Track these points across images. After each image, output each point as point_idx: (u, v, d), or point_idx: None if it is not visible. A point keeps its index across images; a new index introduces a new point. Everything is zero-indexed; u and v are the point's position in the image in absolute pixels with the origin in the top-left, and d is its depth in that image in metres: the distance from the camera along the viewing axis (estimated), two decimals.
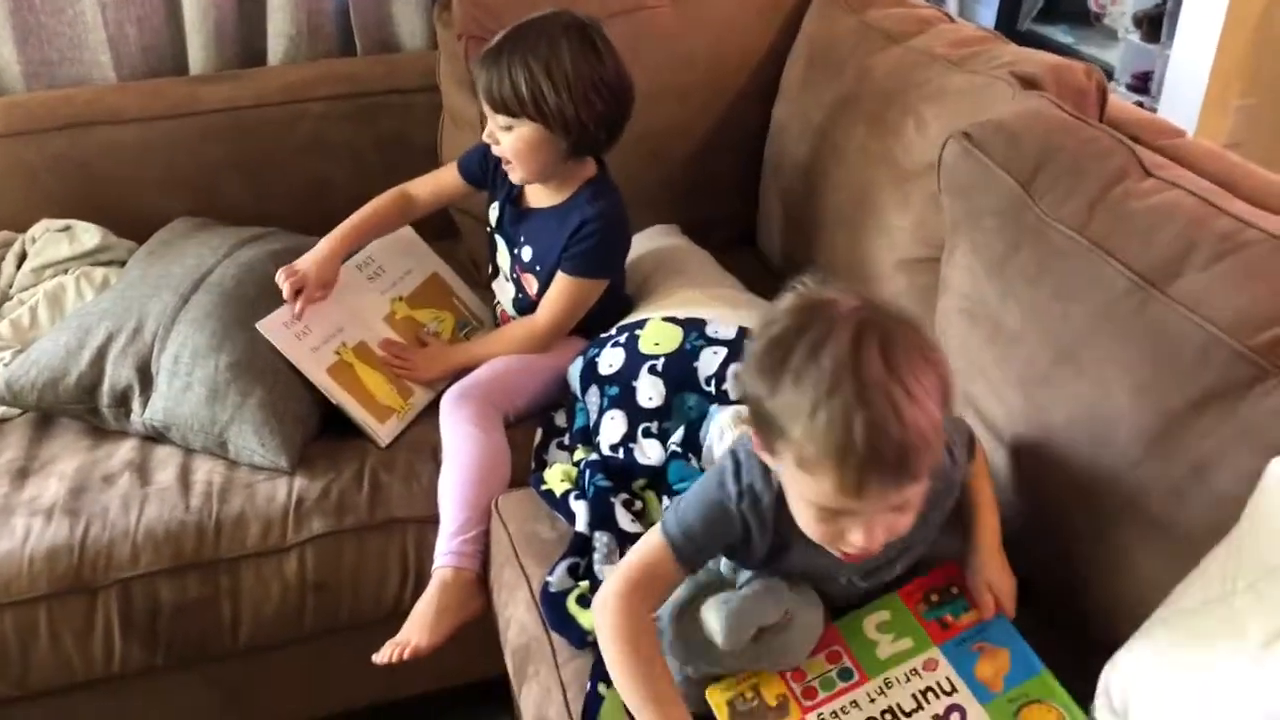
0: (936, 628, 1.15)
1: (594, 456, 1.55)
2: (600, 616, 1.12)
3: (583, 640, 1.31)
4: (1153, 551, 1.10)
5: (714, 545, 1.12)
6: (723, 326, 1.62)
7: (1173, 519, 1.08)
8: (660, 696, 1.06)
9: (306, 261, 1.69)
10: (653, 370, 1.57)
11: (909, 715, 1.09)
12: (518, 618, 1.40)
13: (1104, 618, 1.17)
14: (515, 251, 1.76)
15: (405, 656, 1.43)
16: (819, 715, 1.10)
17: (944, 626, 1.15)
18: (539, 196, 1.72)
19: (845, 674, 1.13)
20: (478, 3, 1.95)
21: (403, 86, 2.12)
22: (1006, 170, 1.35)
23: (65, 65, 2.07)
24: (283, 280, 1.66)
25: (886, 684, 1.12)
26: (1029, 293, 1.28)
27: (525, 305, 1.78)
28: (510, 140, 1.60)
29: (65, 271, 1.91)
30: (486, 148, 1.68)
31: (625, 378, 1.59)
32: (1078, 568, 1.20)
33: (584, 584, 1.37)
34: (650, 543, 1.12)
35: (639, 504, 1.47)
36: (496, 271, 1.85)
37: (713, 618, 1.11)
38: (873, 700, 1.11)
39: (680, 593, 1.16)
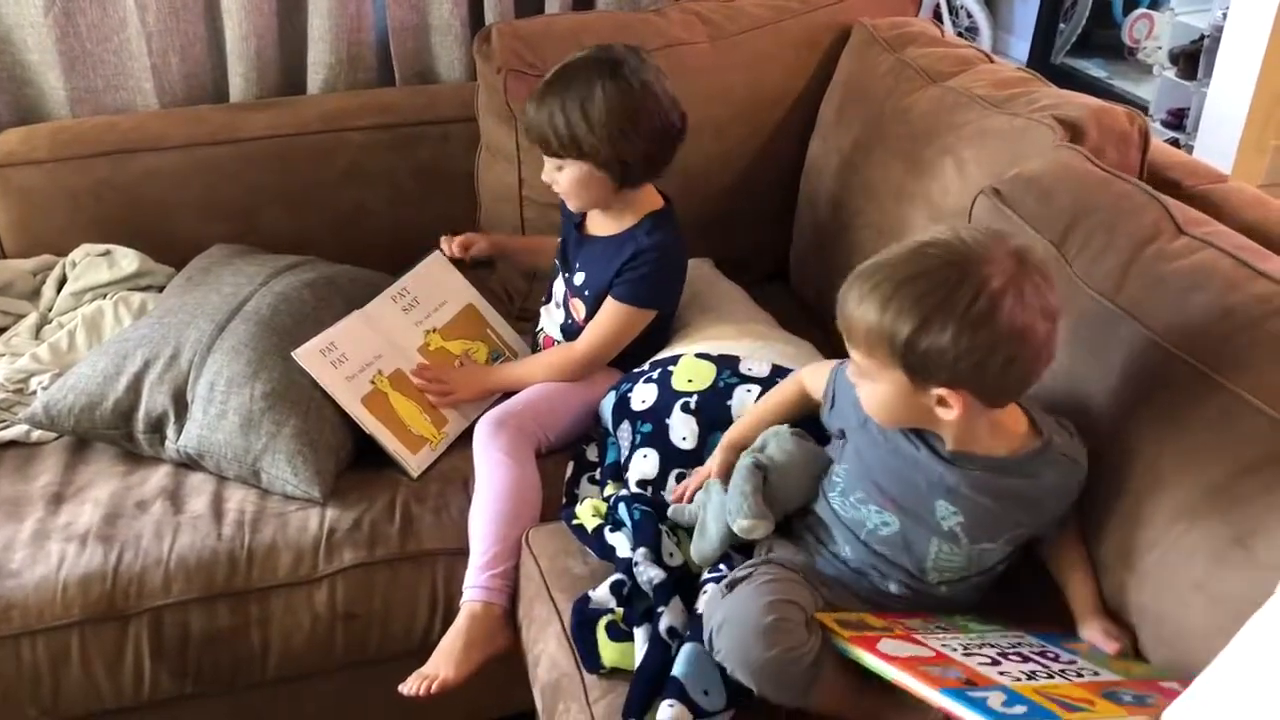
0: (1018, 625, 1.24)
1: (624, 492, 1.54)
2: None
3: (597, 666, 1.32)
4: (1198, 613, 1.09)
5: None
6: (756, 364, 1.62)
7: (1216, 584, 1.07)
8: None
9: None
10: (686, 408, 1.57)
11: (1007, 650, 1.14)
12: (549, 653, 1.39)
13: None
14: (569, 276, 1.78)
15: (433, 690, 1.43)
16: (924, 636, 1.14)
17: (1027, 623, 1.24)
18: (600, 225, 1.75)
19: (941, 629, 1.19)
20: (517, 35, 1.96)
21: (441, 117, 2.14)
22: (1037, 228, 1.35)
23: (110, 92, 2.10)
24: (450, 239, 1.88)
25: (983, 637, 1.18)
26: (1065, 356, 1.25)
27: (572, 330, 1.79)
28: (562, 178, 1.66)
29: (104, 296, 1.93)
30: None
31: (658, 415, 1.58)
32: (1132, 627, 1.19)
33: (619, 610, 1.36)
34: None
35: (676, 537, 1.46)
36: (549, 298, 1.87)
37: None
38: (971, 639, 1.16)
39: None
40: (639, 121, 1.59)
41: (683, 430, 1.56)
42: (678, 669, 1.25)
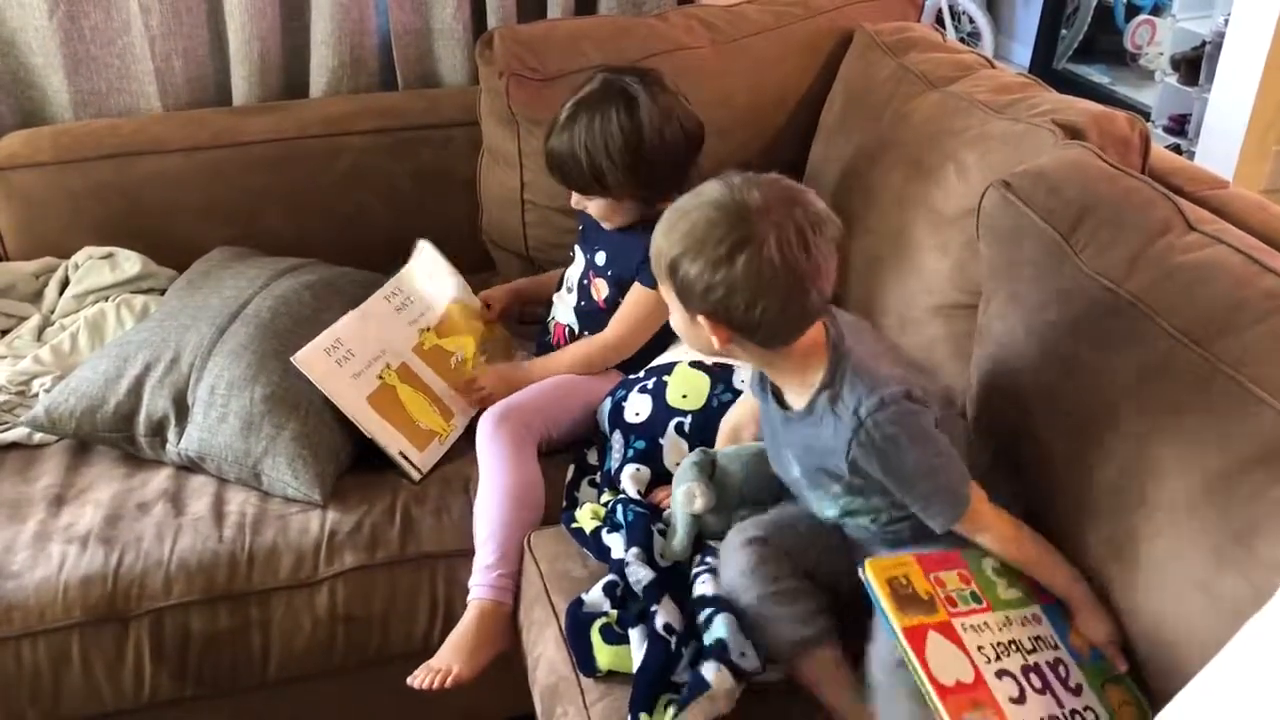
0: (1037, 589, 1.25)
1: (621, 495, 1.54)
2: None
3: (593, 669, 1.32)
4: (1196, 612, 1.09)
5: None
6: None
7: (1216, 582, 1.06)
8: None
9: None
10: (680, 430, 1.58)
11: (1029, 654, 1.18)
12: (547, 656, 1.40)
13: (1150, 672, 1.16)
14: (590, 256, 1.79)
15: (447, 684, 1.44)
16: (961, 624, 1.17)
17: (1042, 590, 1.25)
18: None
19: (975, 597, 1.21)
20: (519, 40, 1.96)
21: (443, 121, 2.14)
22: (1047, 220, 1.34)
23: (113, 95, 2.11)
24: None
25: (1008, 620, 1.21)
26: (1069, 346, 1.27)
27: (586, 312, 1.80)
28: (593, 207, 1.71)
29: (106, 298, 1.94)
30: None
31: (652, 432, 1.59)
32: (1123, 622, 1.19)
33: (613, 613, 1.36)
34: None
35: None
36: (561, 284, 1.88)
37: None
38: (1000, 629, 1.19)
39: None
40: (658, 153, 1.63)
41: (675, 456, 1.57)
42: (719, 632, 1.27)
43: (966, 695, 1.12)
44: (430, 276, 1.86)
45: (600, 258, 1.77)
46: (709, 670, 1.23)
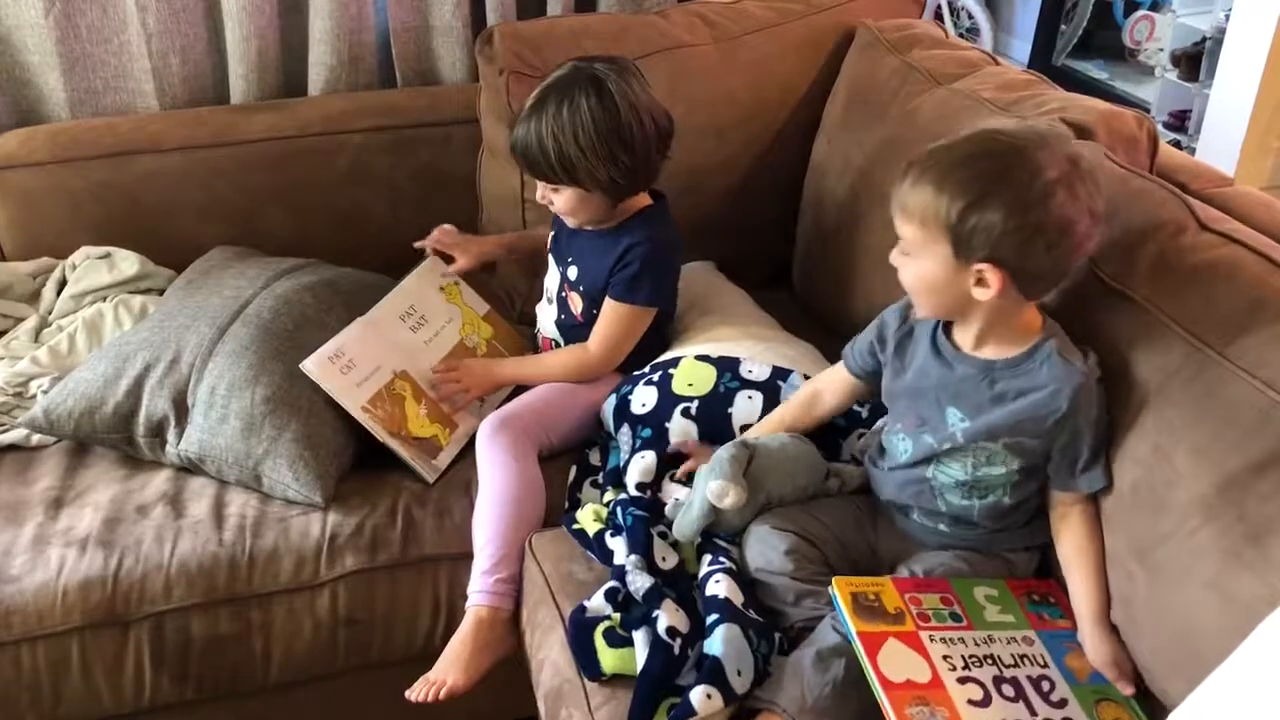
0: (1035, 618, 1.28)
1: (624, 496, 1.53)
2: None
3: (598, 673, 1.31)
4: (1210, 612, 1.09)
5: (864, 343, 1.41)
6: (756, 366, 1.62)
7: (1230, 583, 1.07)
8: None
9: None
10: (686, 413, 1.57)
11: (1007, 667, 1.20)
12: (551, 659, 1.39)
13: (1163, 671, 1.17)
14: (563, 270, 1.77)
15: (441, 697, 1.42)
16: (930, 635, 1.21)
17: (1041, 619, 1.28)
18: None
19: (955, 616, 1.25)
20: (519, 37, 1.95)
21: (442, 119, 2.13)
22: None
23: (109, 94, 2.09)
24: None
25: (990, 638, 1.23)
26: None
27: (567, 325, 1.78)
28: (559, 201, 1.66)
29: (104, 299, 1.92)
30: None
31: (658, 419, 1.58)
32: (1140, 623, 1.20)
33: (616, 616, 1.35)
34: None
35: (671, 538, 1.45)
36: (542, 294, 1.87)
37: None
38: (977, 645, 1.22)
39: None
40: (629, 141, 1.59)
41: (681, 436, 1.56)
42: (715, 648, 1.25)
43: (914, 691, 1.14)
44: (441, 290, 1.84)
45: (572, 272, 1.75)
46: (697, 696, 1.21)
